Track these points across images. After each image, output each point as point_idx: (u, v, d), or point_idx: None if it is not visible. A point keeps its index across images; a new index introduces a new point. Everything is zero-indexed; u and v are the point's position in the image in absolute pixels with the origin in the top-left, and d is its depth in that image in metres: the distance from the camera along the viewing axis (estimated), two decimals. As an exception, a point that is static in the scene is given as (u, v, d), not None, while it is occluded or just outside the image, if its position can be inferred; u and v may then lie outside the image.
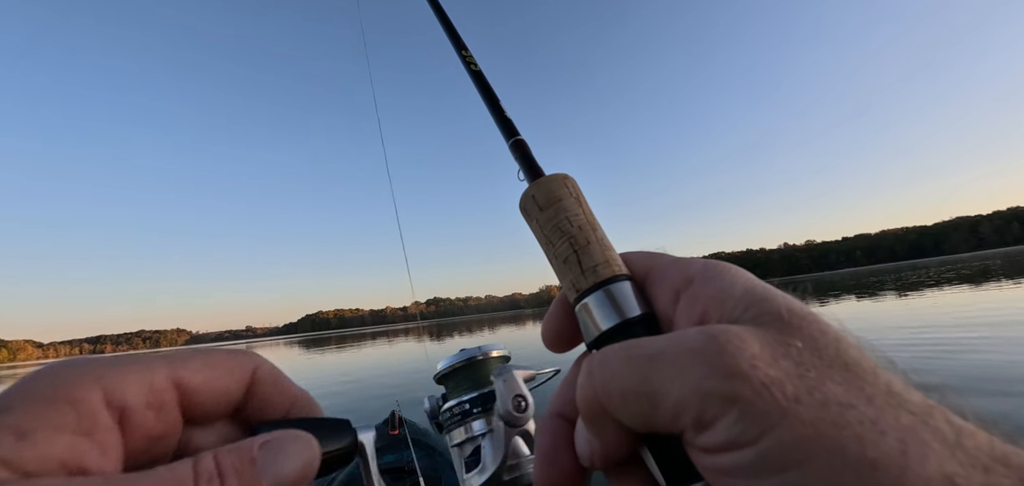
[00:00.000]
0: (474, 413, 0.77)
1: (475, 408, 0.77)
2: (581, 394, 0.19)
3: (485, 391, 0.77)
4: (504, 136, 0.32)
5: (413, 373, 9.46)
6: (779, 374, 0.15)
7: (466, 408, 0.76)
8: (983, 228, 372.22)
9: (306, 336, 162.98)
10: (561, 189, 0.26)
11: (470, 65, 0.38)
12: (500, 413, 0.69)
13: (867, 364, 0.16)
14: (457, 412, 0.77)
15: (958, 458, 0.13)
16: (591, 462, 0.21)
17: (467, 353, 0.83)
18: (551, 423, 0.23)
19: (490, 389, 0.77)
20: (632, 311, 0.21)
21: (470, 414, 0.77)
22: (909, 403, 0.15)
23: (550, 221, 0.25)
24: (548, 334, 0.26)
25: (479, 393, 0.78)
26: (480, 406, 0.77)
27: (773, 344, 0.16)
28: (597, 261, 0.23)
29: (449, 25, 0.43)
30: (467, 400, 0.78)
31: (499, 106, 0.34)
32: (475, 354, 0.83)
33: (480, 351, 0.83)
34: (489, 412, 0.76)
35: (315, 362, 18.31)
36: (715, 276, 0.20)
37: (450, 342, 19.68)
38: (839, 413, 0.14)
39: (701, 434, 0.16)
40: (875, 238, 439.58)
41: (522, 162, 0.30)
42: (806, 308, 0.18)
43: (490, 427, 0.75)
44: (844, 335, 0.17)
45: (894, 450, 0.13)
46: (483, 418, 0.76)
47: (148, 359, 0.20)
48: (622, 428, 0.19)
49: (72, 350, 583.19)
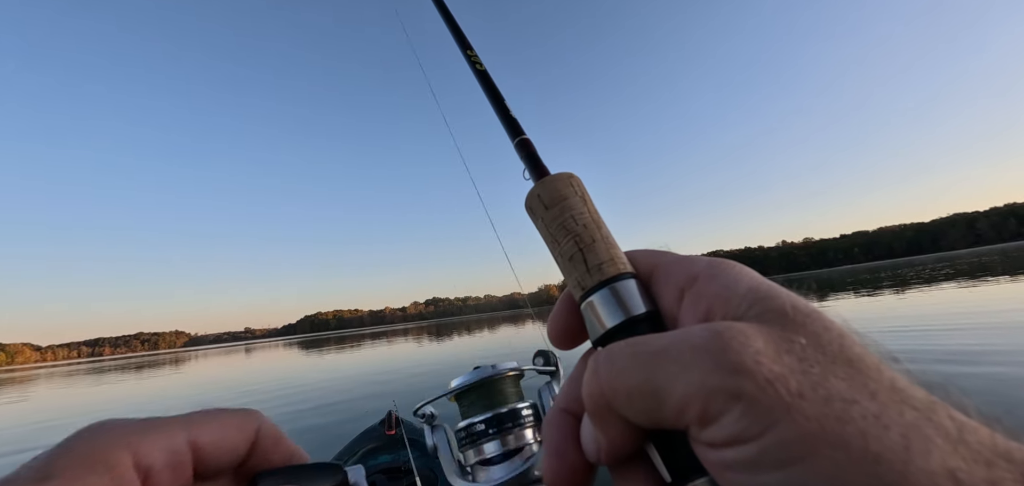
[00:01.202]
0: (503, 430, 0.76)
1: (504, 425, 0.77)
2: (587, 390, 0.20)
3: (503, 411, 0.77)
4: (509, 135, 0.32)
5: (412, 373, 9.44)
6: (783, 370, 0.15)
7: (498, 425, 0.76)
8: (980, 224, 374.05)
9: (305, 337, 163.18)
10: (566, 188, 0.26)
11: (475, 65, 0.38)
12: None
13: (871, 360, 0.16)
14: (487, 430, 0.77)
15: (961, 453, 0.13)
16: (597, 457, 0.21)
17: (482, 371, 0.82)
18: (558, 418, 0.23)
19: (510, 408, 0.78)
20: (637, 308, 0.22)
21: (499, 431, 0.76)
22: (912, 399, 0.15)
23: (556, 220, 0.25)
24: (554, 331, 0.26)
25: (508, 410, 0.78)
26: (509, 424, 0.77)
27: (777, 340, 0.16)
28: (602, 259, 0.23)
29: (454, 25, 0.43)
30: (492, 417, 0.77)
31: (504, 105, 0.34)
32: (488, 372, 0.82)
33: (495, 370, 0.82)
34: (516, 430, 0.77)
35: (314, 363, 18.23)
36: (719, 274, 0.20)
37: (449, 343, 19.66)
38: (843, 408, 0.14)
39: (706, 429, 0.16)
40: (873, 235, 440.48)
41: (527, 161, 0.30)
42: (810, 305, 0.18)
43: (517, 444, 0.75)
44: (848, 332, 0.17)
45: (898, 445, 0.13)
46: (513, 434, 0.76)
47: (170, 423, 0.22)
48: (627, 424, 0.19)
49: (70, 353, 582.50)
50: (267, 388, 11.21)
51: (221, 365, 25.55)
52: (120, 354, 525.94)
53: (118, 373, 27.67)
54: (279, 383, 12.10)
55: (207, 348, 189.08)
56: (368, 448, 1.69)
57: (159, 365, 34.72)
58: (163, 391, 13.74)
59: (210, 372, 20.49)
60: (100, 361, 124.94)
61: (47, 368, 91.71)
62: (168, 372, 23.57)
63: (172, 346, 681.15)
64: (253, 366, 21.33)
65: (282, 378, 13.40)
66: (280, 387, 11.01)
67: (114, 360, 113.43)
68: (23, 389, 21.39)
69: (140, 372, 26.25)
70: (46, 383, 26.26)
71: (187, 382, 16.23)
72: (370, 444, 1.71)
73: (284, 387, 10.89)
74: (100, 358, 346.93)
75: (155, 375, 21.74)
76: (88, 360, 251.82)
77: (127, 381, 19.49)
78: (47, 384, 24.92)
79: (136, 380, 19.55)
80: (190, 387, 14.20)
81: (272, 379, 13.54)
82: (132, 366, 38.40)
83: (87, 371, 38.17)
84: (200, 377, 18.03)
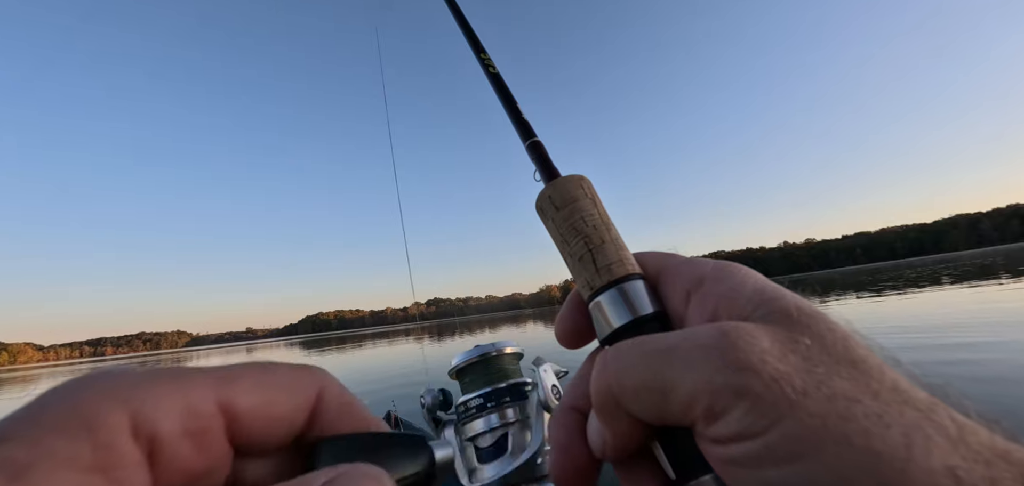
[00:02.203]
0: (501, 404, 0.80)
1: (502, 399, 0.80)
2: (595, 387, 0.20)
3: (502, 386, 0.81)
4: (521, 138, 0.32)
5: (411, 373, 9.46)
6: (788, 369, 0.16)
7: (496, 399, 0.80)
8: (983, 225, 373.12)
9: (306, 337, 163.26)
10: (577, 190, 0.26)
11: (488, 68, 0.38)
12: (541, 400, 0.76)
13: (874, 362, 0.16)
14: (485, 403, 0.80)
15: (961, 452, 0.13)
16: (603, 453, 0.21)
17: (482, 349, 0.86)
18: (565, 415, 0.24)
19: (508, 383, 0.82)
20: (645, 309, 0.22)
21: (497, 405, 0.79)
22: (914, 400, 0.15)
23: (566, 221, 0.26)
24: (562, 330, 0.26)
25: (506, 385, 0.81)
26: (507, 398, 0.80)
27: (782, 340, 0.17)
28: (611, 260, 0.24)
29: (468, 28, 0.44)
30: (491, 391, 0.80)
31: (517, 108, 0.34)
32: (490, 350, 0.86)
33: (494, 347, 0.86)
34: (517, 403, 0.81)
35: (315, 363, 18.29)
36: (726, 276, 0.21)
37: (451, 343, 19.68)
38: (845, 407, 0.15)
39: (712, 425, 0.16)
40: (875, 236, 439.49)
41: (539, 163, 0.30)
42: (814, 307, 0.18)
43: (519, 417, 0.80)
44: (852, 334, 0.17)
45: (899, 443, 0.14)
46: (512, 407, 0.80)
47: (188, 375, 0.15)
48: (634, 421, 0.19)
49: (72, 353, 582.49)
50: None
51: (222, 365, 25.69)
52: (122, 354, 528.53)
53: (120, 373, 27.74)
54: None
55: (209, 348, 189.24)
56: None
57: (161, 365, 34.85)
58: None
59: (212, 372, 20.58)
60: (102, 361, 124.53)
61: (49, 367, 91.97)
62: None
63: (174, 346, 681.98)
64: (254, 366, 21.43)
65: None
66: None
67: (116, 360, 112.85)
68: (26, 388, 21.48)
69: (142, 372, 26.35)
70: (49, 383, 26.28)
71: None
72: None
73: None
74: (102, 358, 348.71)
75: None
76: (90, 360, 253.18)
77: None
78: (50, 384, 24.90)
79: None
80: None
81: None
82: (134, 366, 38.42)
83: (89, 371, 38.25)
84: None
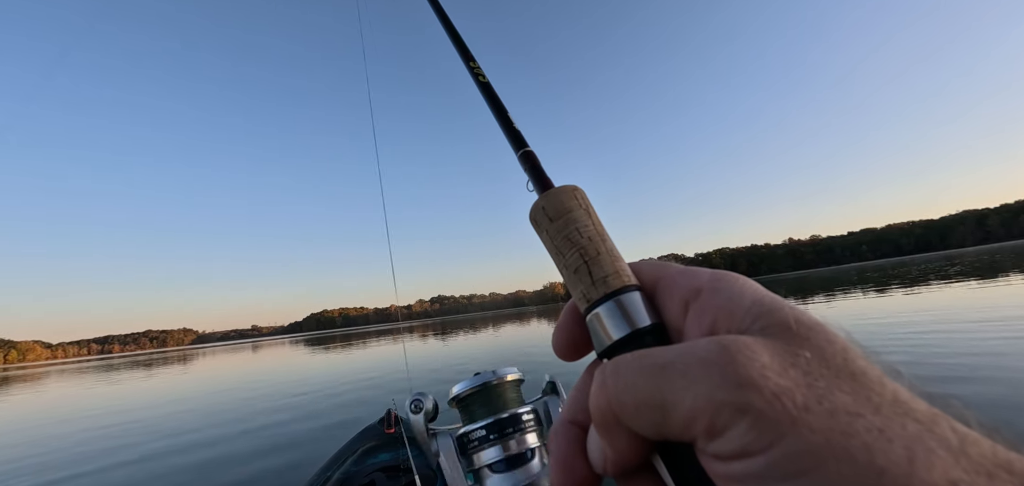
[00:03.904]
0: (504, 435, 0.77)
1: (505, 431, 0.77)
2: (594, 403, 0.20)
3: (504, 416, 0.78)
4: (513, 147, 0.32)
5: (410, 373, 9.52)
6: (789, 384, 0.16)
7: (499, 430, 0.77)
8: (990, 222, 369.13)
9: (311, 335, 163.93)
10: (570, 200, 0.26)
11: (478, 77, 0.38)
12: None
13: (874, 373, 0.16)
14: (488, 435, 0.78)
15: (962, 464, 0.13)
16: (604, 469, 0.21)
17: (483, 377, 0.83)
18: (565, 430, 0.23)
19: (510, 414, 0.78)
20: (642, 321, 0.22)
21: (500, 437, 0.77)
22: (915, 412, 0.15)
23: (560, 232, 0.26)
24: (559, 343, 0.26)
25: (508, 415, 0.79)
26: (510, 429, 0.77)
27: (782, 354, 0.17)
28: (607, 271, 0.23)
29: (457, 36, 0.43)
30: (493, 422, 0.78)
31: (508, 118, 0.34)
32: (490, 378, 0.82)
33: (495, 375, 0.82)
34: (520, 435, 0.78)
35: (317, 361, 18.41)
36: (723, 287, 0.20)
37: (453, 342, 19.72)
38: (847, 422, 0.14)
39: (713, 442, 0.16)
40: (881, 232, 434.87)
41: (531, 173, 0.30)
42: (813, 318, 0.18)
43: (521, 448, 0.77)
44: (851, 345, 0.17)
45: (901, 457, 0.13)
46: (515, 439, 0.77)
47: None
48: (634, 436, 0.19)
49: (80, 350, 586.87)
50: (269, 385, 11.33)
51: (228, 362, 25.85)
52: (129, 351, 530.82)
53: (128, 370, 28.05)
54: (281, 380, 12.22)
55: (214, 345, 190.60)
56: (367, 446, 1.72)
57: (168, 362, 35.13)
58: (171, 388, 13.89)
59: (217, 369, 20.74)
60: (110, 358, 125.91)
61: (58, 365, 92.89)
62: (177, 369, 23.86)
63: (180, 343, 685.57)
64: (258, 363, 21.59)
65: (285, 375, 13.54)
66: (282, 384, 11.13)
67: (123, 357, 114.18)
68: (35, 386, 21.74)
69: (149, 369, 26.60)
70: (57, 380, 26.68)
71: (195, 379, 16.43)
72: (369, 442, 1.72)
73: (286, 384, 11.00)
74: (110, 355, 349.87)
75: (164, 372, 22.00)
76: (98, 357, 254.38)
77: (137, 378, 19.76)
78: (58, 381, 25.30)
79: (145, 377, 19.82)
80: (197, 384, 14.37)
81: (275, 376, 13.69)
82: (141, 363, 38.82)
83: (97, 368, 38.61)
84: (208, 374, 18.24)
